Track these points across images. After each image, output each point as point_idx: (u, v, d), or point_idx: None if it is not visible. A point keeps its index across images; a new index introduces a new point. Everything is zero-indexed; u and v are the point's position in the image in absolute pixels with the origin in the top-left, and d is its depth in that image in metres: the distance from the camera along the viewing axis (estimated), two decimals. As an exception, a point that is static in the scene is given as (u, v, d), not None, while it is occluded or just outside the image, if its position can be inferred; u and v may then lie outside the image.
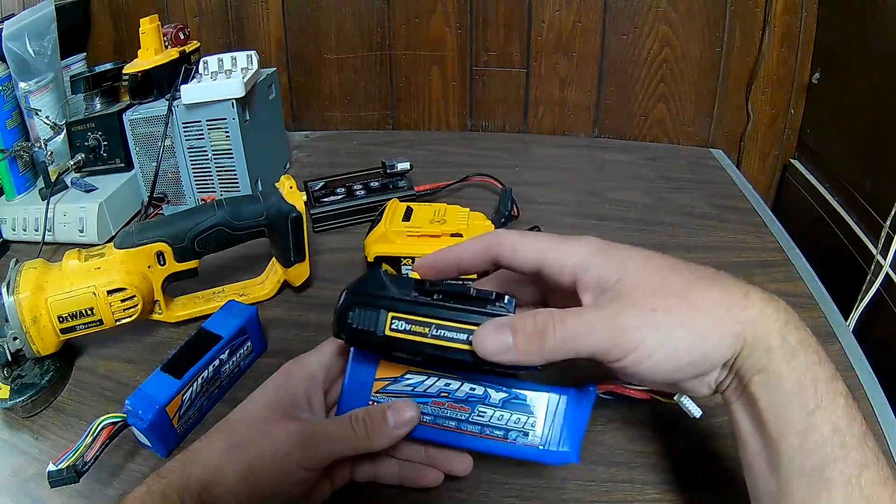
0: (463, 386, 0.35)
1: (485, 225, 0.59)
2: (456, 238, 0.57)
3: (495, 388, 0.35)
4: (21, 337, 0.45)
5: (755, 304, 0.28)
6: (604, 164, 0.85)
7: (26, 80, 0.68)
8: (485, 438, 0.35)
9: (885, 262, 0.64)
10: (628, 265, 0.30)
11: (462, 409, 0.35)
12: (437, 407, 0.35)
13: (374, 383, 0.36)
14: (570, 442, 0.34)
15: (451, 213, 0.60)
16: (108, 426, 0.41)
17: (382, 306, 0.33)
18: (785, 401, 0.27)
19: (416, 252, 0.56)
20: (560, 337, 0.29)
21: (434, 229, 0.57)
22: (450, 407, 0.35)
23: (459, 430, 0.35)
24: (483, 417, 0.35)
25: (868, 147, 0.73)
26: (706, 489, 0.39)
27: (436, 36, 0.93)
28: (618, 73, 0.91)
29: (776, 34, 0.85)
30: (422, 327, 0.32)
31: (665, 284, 0.29)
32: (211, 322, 0.50)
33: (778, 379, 0.28)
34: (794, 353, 0.28)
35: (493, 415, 0.35)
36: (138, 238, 0.49)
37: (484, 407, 0.35)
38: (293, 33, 0.95)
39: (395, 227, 0.58)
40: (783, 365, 0.28)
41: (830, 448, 0.26)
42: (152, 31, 0.68)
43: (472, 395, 0.34)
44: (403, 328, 0.32)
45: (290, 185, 0.55)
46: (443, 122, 0.99)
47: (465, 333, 0.32)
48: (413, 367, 0.35)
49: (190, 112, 0.67)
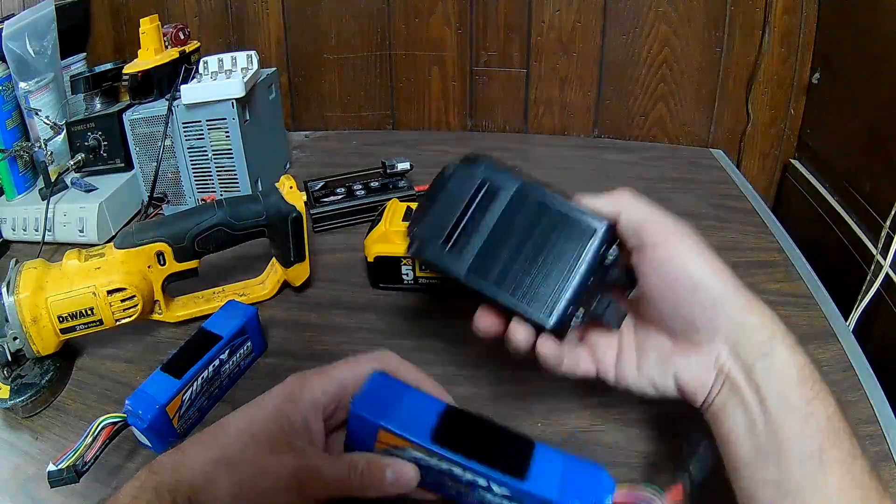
0: (466, 473, 0.33)
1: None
2: None
3: (498, 485, 0.33)
4: (21, 337, 0.45)
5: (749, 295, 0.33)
6: (604, 164, 0.85)
7: (26, 80, 0.68)
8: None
9: (885, 262, 0.64)
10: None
11: (463, 488, 0.34)
12: (437, 476, 0.34)
13: (375, 443, 0.35)
14: None
15: None
16: (108, 426, 0.41)
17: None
18: (789, 389, 0.30)
19: None
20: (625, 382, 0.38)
21: None
22: (449, 481, 0.34)
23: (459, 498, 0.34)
24: (483, 500, 0.33)
25: (868, 147, 0.73)
26: (706, 489, 0.39)
27: (436, 36, 0.93)
28: (618, 73, 0.91)
29: (776, 34, 0.85)
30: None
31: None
32: (211, 322, 0.50)
33: (783, 366, 0.31)
34: (794, 347, 0.32)
35: (493, 501, 0.33)
36: (138, 238, 0.49)
37: (484, 492, 0.33)
38: (293, 33, 0.95)
39: (395, 226, 0.58)
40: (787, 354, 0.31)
41: (826, 435, 0.29)
42: (152, 31, 0.68)
43: (475, 484, 0.33)
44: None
45: (290, 185, 0.55)
46: (443, 122, 0.99)
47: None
48: (414, 446, 0.34)
49: (190, 112, 0.67)
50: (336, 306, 0.58)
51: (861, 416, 0.45)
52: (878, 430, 0.43)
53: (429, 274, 0.57)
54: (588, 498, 0.32)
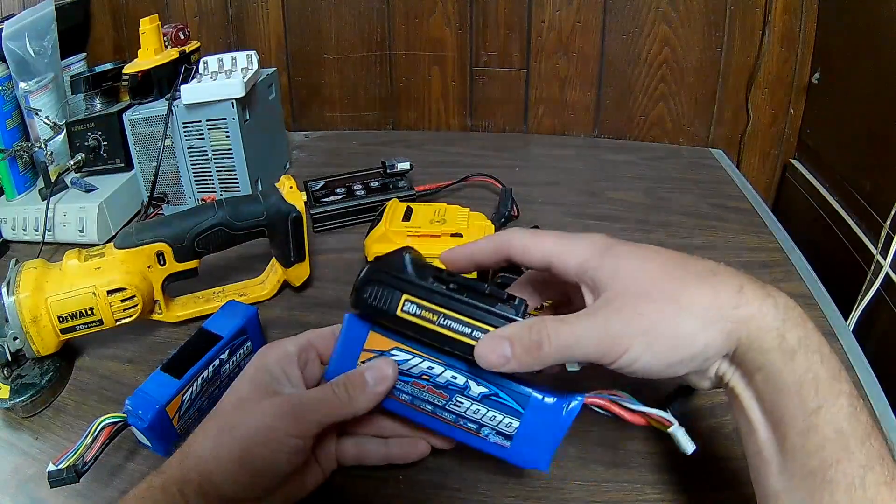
0: (445, 372, 0.35)
1: (485, 225, 0.59)
2: (456, 238, 0.57)
3: (476, 381, 0.35)
4: (21, 337, 0.45)
5: (750, 303, 0.28)
6: (604, 164, 0.85)
7: (26, 80, 0.68)
8: (457, 428, 0.36)
9: (885, 262, 0.64)
10: (623, 268, 0.30)
11: (440, 395, 0.35)
12: (416, 388, 0.36)
13: (362, 353, 0.37)
14: (543, 449, 0.35)
15: (451, 213, 0.60)
16: (108, 426, 0.41)
17: (398, 287, 0.34)
18: (786, 401, 0.27)
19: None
20: (554, 347, 0.30)
21: (434, 229, 0.57)
22: (429, 391, 0.36)
23: (434, 416, 0.36)
24: (459, 408, 0.35)
25: (868, 147, 0.73)
26: (706, 489, 0.39)
27: (436, 36, 0.93)
28: (618, 73, 0.91)
29: (776, 34, 0.85)
30: (431, 314, 0.33)
31: (656, 287, 0.29)
32: (211, 322, 0.50)
33: (776, 379, 0.28)
34: (793, 353, 0.27)
35: (469, 407, 0.35)
36: (138, 238, 0.49)
37: (462, 398, 0.35)
38: (293, 33, 0.95)
39: (394, 227, 0.58)
40: (781, 366, 0.27)
41: (833, 449, 0.26)
42: (152, 31, 0.68)
43: (452, 384, 0.35)
44: (414, 312, 0.34)
45: (290, 185, 0.55)
46: (443, 122, 0.99)
47: (469, 328, 0.33)
48: (401, 345, 0.36)
49: (190, 112, 0.67)
50: (336, 306, 0.58)
51: (861, 416, 0.45)
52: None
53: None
54: (561, 395, 0.34)
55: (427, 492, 0.40)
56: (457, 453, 0.42)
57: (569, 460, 0.42)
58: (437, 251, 0.48)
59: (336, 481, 0.41)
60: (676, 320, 0.28)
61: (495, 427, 0.35)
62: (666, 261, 0.31)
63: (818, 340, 0.28)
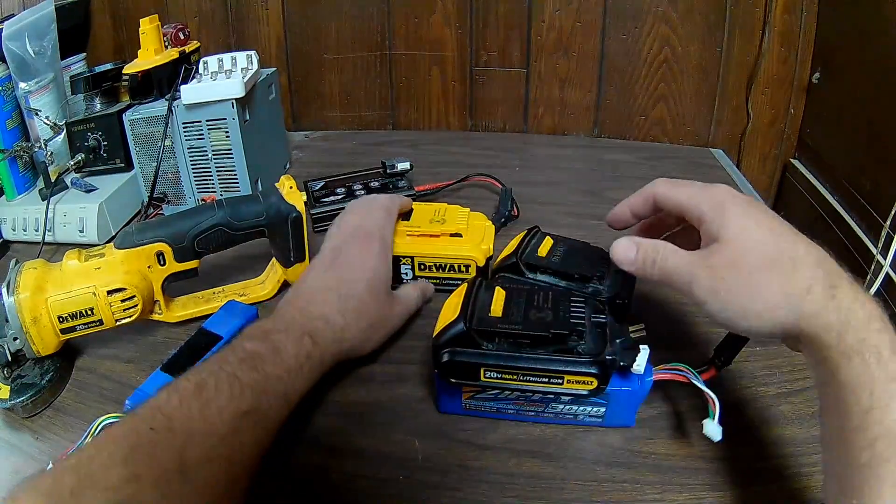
0: (536, 394, 0.41)
1: (485, 225, 0.59)
2: (455, 238, 0.57)
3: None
4: (21, 337, 0.45)
5: (816, 301, 0.31)
6: (604, 164, 0.85)
7: (26, 80, 0.68)
8: (559, 419, 0.44)
9: (885, 262, 0.64)
10: (730, 229, 0.34)
11: (538, 406, 0.43)
12: (517, 406, 0.43)
13: (463, 394, 0.44)
14: (628, 416, 0.43)
15: (451, 213, 0.60)
16: (108, 426, 0.41)
17: (475, 363, 0.39)
18: (842, 397, 0.29)
19: (415, 252, 0.56)
20: (659, 267, 0.37)
21: (434, 229, 0.57)
22: (529, 405, 0.43)
23: (538, 416, 0.44)
24: (555, 410, 0.43)
25: (868, 147, 0.73)
26: (706, 490, 0.40)
27: (436, 36, 0.93)
28: (618, 73, 0.91)
29: (776, 34, 0.85)
30: (511, 376, 0.39)
31: (742, 260, 0.33)
32: (211, 322, 0.50)
33: (834, 375, 0.30)
34: (850, 354, 0.29)
35: (563, 408, 0.43)
36: (138, 238, 0.49)
37: (556, 404, 0.43)
38: (293, 33, 0.95)
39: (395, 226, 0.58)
40: (838, 364, 0.30)
41: (882, 447, 0.27)
42: (152, 32, 0.68)
43: (546, 399, 0.42)
44: (495, 376, 0.40)
45: (290, 185, 0.55)
46: (443, 122, 0.99)
47: (546, 377, 0.39)
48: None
49: (190, 112, 0.67)
50: (336, 306, 0.58)
51: (861, 415, 0.45)
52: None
53: (427, 273, 0.57)
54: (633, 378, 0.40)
55: (427, 492, 0.40)
56: (457, 453, 0.43)
57: (569, 460, 0.42)
58: (436, 251, 0.56)
59: (336, 481, 0.41)
60: (748, 297, 0.32)
61: (588, 414, 0.43)
62: (765, 235, 0.34)
63: (878, 342, 0.29)
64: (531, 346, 0.39)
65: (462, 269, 0.56)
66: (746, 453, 0.42)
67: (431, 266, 0.56)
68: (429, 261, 0.56)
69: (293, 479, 0.41)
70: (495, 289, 0.43)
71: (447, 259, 0.56)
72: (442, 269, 0.56)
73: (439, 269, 0.56)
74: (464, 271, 0.56)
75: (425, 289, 0.55)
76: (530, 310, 0.41)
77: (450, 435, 0.44)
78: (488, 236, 0.58)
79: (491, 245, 0.57)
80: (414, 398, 0.47)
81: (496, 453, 0.42)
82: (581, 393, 0.39)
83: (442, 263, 0.56)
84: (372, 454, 0.43)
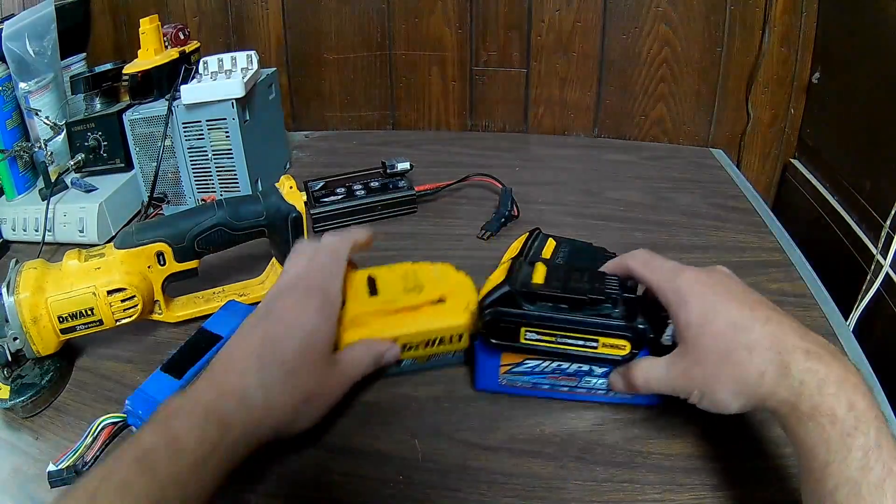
0: (572, 365, 0.44)
1: (461, 280, 0.49)
2: (439, 305, 0.47)
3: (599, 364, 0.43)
4: (21, 337, 0.45)
5: (769, 383, 0.33)
6: (604, 164, 0.85)
7: (26, 80, 0.68)
8: (591, 395, 0.45)
9: (885, 262, 0.64)
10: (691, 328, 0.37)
11: (572, 380, 0.44)
12: (552, 380, 0.45)
13: (500, 367, 0.45)
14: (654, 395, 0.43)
15: (423, 273, 0.49)
16: (108, 426, 0.41)
17: (517, 321, 0.41)
18: (802, 454, 0.32)
19: (399, 333, 0.45)
20: (647, 388, 0.40)
21: (411, 300, 0.47)
22: (562, 379, 0.45)
23: (571, 393, 0.45)
24: (589, 384, 0.44)
25: (868, 147, 0.73)
26: (706, 490, 0.40)
27: (436, 36, 0.93)
28: (618, 73, 0.91)
29: (776, 34, 0.85)
30: (549, 337, 0.42)
31: (705, 359, 0.36)
32: (211, 322, 0.50)
33: (793, 438, 0.32)
34: (805, 421, 0.31)
35: (597, 382, 0.44)
36: (138, 238, 0.49)
37: (589, 377, 0.44)
38: (293, 33, 0.95)
39: (363, 306, 0.46)
40: (795, 430, 0.32)
41: (843, 495, 0.29)
42: (152, 31, 0.68)
43: (580, 371, 0.44)
44: (535, 338, 0.42)
45: (290, 185, 0.55)
46: (443, 122, 0.99)
47: (581, 341, 0.41)
48: (531, 356, 0.44)
49: (190, 112, 0.67)
50: (336, 306, 0.58)
51: (861, 416, 0.45)
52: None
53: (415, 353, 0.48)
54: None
55: (427, 492, 0.40)
56: (456, 452, 0.43)
57: (569, 460, 0.42)
58: (422, 326, 0.46)
59: (335, 481, 0.41)
60: (714, 390, 0.36)
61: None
62: (722, 328, 0.36)
63: (833, 405, 0.31)
64: (569, 310, 0.41)
65: (455, 340, 0.47)
66: (746, 453, 0.42)
67: (419, 345, 0.46)
68: (416, 339, 0.46)
69: (293, 479, 0.41)
70: (536, 264, 0.45)
71: (438, 333, 0.46)
72: (431, 344, 0.47)
73: (428, 345, 0.46)
74: (455, 341, 0.47)
75: (379, 351, 0.44)
76: (569, 280, 0.42)
77: (450, 435, 0.44)
78: (469, 291, 0.47)
79: (475, 300, 0.46)
80: (414, 398, 0.47)
81: (496, 453, 0.42)
82: (615, 358, 0.41)
83: (431, 339, 0.46)
84: (372, 454, 0.43)
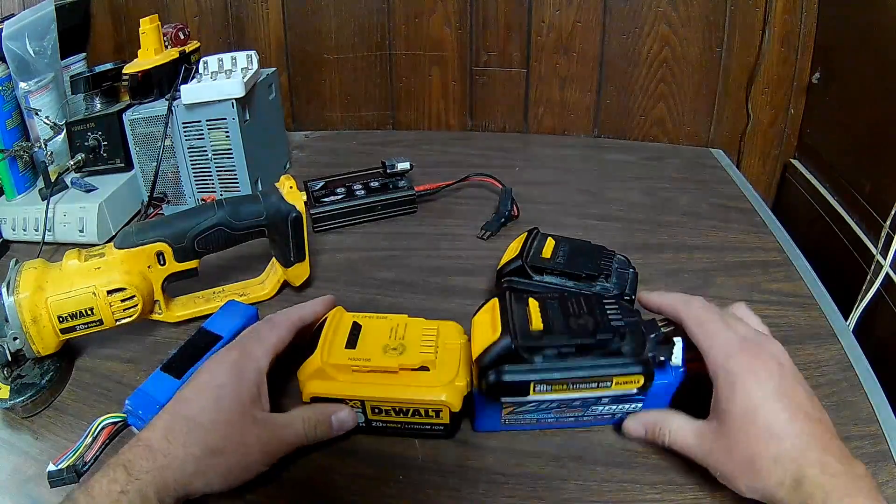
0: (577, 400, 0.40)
1: (459, 343, 0.44)
2: (421, 373, 0.41)
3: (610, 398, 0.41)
4: (21, 337, 0.45)
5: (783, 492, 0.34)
6: (604, 164, 0.85)
7: (26, 80, 0.68)
8: (598, 420, 0.44)
9: (885, 262, 0.64)
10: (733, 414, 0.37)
11: (578, 411, 0.42)
12: (557, 413, 0.42)
13: (503, 409, 0.41)
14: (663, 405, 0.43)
15: (413, 331, 0.44)
16: (108, 426, 0.41)
17: (524, 380, 0.38)
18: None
19: (364, 395, 0.41)
20: (669, 444, 0.40)
21: (389, 362, 0.42)
22: (568, 411, 0.42)
23: (577, 421, 0.43)
24: (595, 411, 0.42)
25: (868, 147, 0.73)
26: (706, 490, 0.39)
27: (436, 36, 0.93)
28: (618, 73, 0.91)
29: (776, 34, 0.85)
30: (561, 386, 0.38)
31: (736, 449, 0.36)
32: (211, 322, 0.50)
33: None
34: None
35: (603, 409, 0.42)
36: (138, 238, 0.49)
37: (596, 405, 0.41)
38: (293, 33, 0.95)
39: (335, 357, 0.42)
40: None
41: None
42: (152, 31, 0.68)
43: (587, 402, 0.41)
44: (545, 390, 0.38)
45: (290, 185, 0.55)
46: (443, 122, 0.99)
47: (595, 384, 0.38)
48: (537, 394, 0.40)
49: (190, 112, 0.67)
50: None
51: (861, 416, 0.45)
52: (877, 430, 0.43)
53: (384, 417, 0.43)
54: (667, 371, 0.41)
55: (427, 492, 0.40)
56: (456, 452, 0.43)
57: (569, 460, 0.42)
58: (393, 393, 0.41)
59: (335, 481, 0.41)
60: (735, 478, 0.37)
61: (625, 412, 0.42)
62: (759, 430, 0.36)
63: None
64: (576, 354, 0.38)
65: (431, 414, 0.41)
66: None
67: (389, 410, 0.42)
68: (385, 405, 0.42)
69: (293, 479, 0.41)
70: (528, 301, 0.40)
71: (409, 404, 0.41)
72: (404, 413, 0.42)
73: (399, 413, 0.42)
74: (433, 416, 0.42)
75: (326, 414, 0.41)
76: (569, 318, 0.39)
77: (450, 435, 0.44)
78: (464, 363, 0.42)
79: (467, 381, 0.42)
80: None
81: (496, 453, 0.43)
82: (629, 393, 0.39)
83: (403, 408, 0.42)
84: (372, 454, 0.43)
